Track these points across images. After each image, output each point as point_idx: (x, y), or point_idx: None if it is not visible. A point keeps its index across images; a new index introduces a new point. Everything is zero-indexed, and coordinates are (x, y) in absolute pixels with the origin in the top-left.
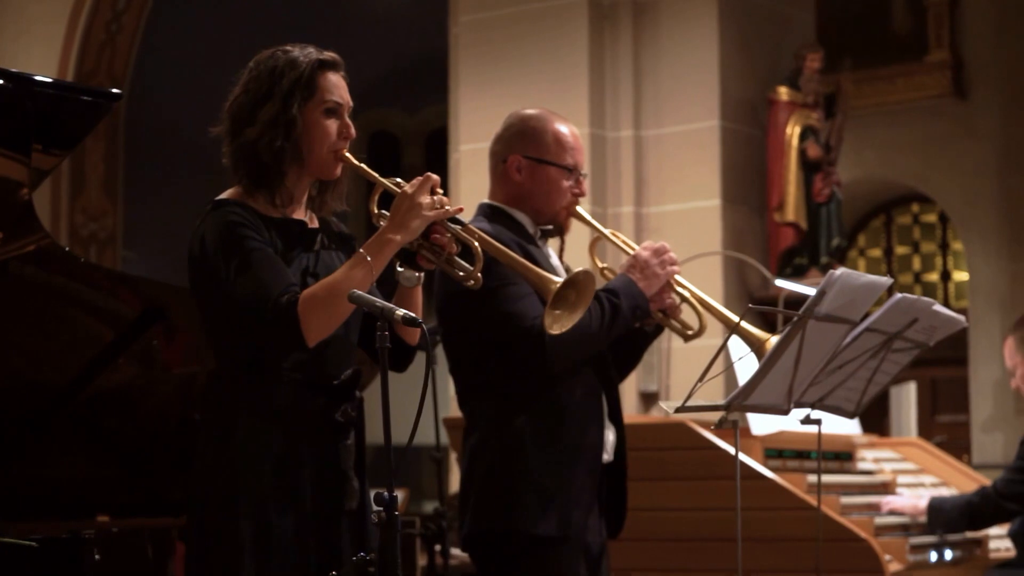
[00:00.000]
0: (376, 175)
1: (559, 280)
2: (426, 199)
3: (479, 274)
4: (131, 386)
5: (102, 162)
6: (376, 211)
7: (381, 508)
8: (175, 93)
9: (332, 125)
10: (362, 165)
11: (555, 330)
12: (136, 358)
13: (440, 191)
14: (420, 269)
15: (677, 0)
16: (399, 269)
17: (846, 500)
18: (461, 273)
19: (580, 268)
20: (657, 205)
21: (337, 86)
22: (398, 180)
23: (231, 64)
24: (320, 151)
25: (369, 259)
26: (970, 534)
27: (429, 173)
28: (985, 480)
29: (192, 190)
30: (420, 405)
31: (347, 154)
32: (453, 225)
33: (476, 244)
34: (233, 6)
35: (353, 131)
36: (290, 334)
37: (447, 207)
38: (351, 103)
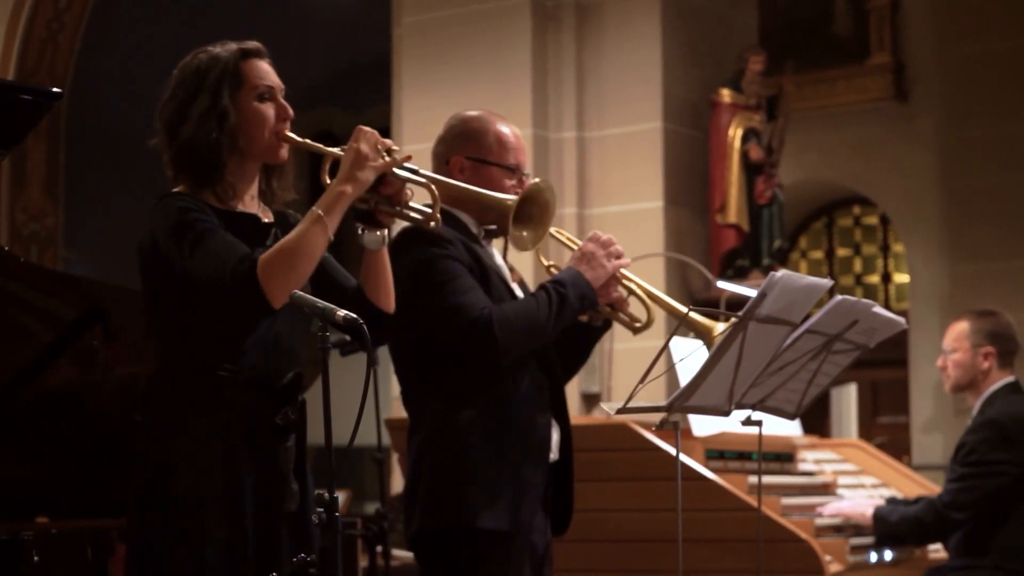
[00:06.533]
0: (322, 146)
1: (514, 198)
2: (369, 148)
3: (438, 214)
4: (71, 387)
5: (43, 162)
6: (329, 182)
7: (322, 509)
8: (117, 93)
9: (269, 109)
10: (306, 140)
11: (528, 247)
12: (76, 359)
13: (386, 141)
14: (381, 226)
15: (620, 2)
16: (361, 233)
17: (787, 501)
18: (420, 217)
19: (534, 181)
20: (599, 206)
21: (265, 71)
22: (345, 147)
23: (174, 64)
24: (262, 136)
25: (322, 214)
26: None
27: (369, 128)
28: (925, 481)
29: (134, 190)
30: (361, 405)
31: (289, 133)
32: (401, 172)
33: (432, 187)
34: (176, 6)
35: (291, 111)
36: (254, 299)
37: (395, 156)
38: (283, 86)
